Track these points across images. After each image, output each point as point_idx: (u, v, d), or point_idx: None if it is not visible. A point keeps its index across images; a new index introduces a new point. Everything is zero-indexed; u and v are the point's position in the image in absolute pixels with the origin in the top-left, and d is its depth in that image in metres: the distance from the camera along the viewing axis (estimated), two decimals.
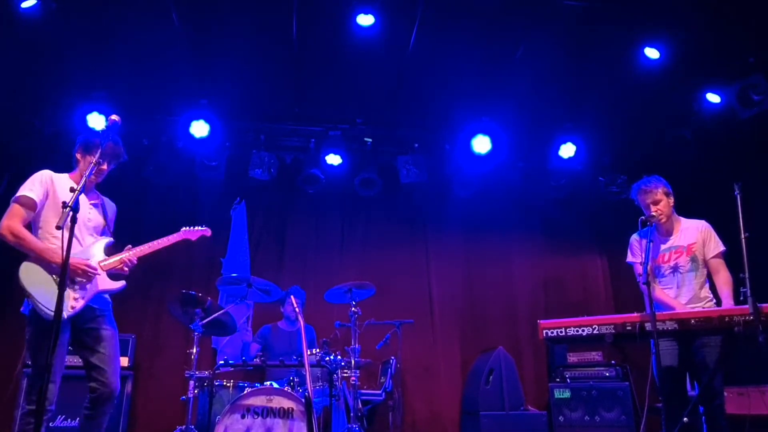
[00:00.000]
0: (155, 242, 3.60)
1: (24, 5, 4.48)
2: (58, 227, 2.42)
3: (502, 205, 6.82)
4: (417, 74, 5.60)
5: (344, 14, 4.82)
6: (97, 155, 3.06)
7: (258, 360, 4.60)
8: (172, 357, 5.76)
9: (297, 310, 4.27)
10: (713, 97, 5.51)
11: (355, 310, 4.76)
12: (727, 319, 3.22)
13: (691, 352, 3.66)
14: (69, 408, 4.58)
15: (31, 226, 3.27)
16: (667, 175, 4.05)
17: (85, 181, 2.82)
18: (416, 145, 6.29)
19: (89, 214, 3.39)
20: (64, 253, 2.47)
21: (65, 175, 3.42)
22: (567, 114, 6.13)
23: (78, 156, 3.43)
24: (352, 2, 4.75)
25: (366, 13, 4.76)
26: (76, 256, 3.19)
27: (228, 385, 4.47)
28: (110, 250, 3.46)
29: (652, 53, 5.06)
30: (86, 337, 3.25)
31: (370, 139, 6.36)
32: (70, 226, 2.48)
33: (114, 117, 3.04)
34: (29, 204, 3.21)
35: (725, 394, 3.73)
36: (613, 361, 5.41)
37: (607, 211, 6.67)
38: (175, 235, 3.78)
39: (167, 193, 6.30)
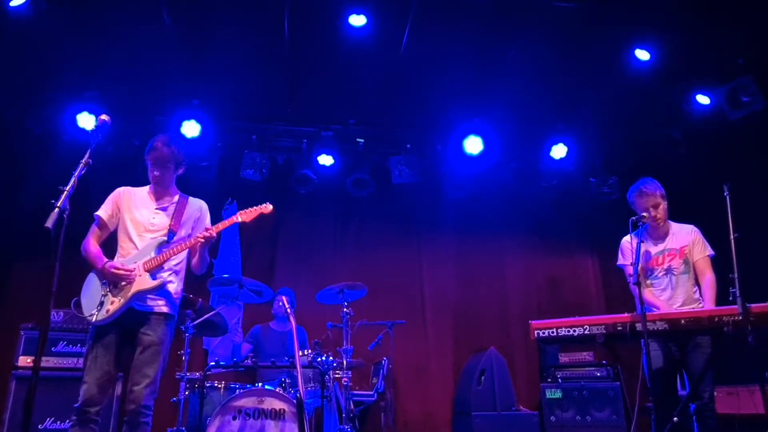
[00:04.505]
0: (205, 231, 3.35)
1: (13, 3, 4.42)
2: (46, 226, 2.38)
3: (494, 206, 6.83)
4: (409, 75, 5.59)
5: (336, 14, 4.81)
6: (87, 155, 3.02)
7: (249, 361, 4.58)
8: None
9: (287, 307, 4.25)
10: (703, 99, 5.55)
11: (348, 311, 4.75)
12: (716, 319, 3.24)
13: (684, 353, 3.70)
14: (58, 410, 4.51)
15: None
16: (658, 175, 4.08)
17: (75, 182, 2.77)
18: (408, 145, 6.29)
19: (153, 219, 3.42)
20: (59, 254, 2.42)
21: (144, 189, 3.52)
22: (558, 115, 6.15)
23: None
24: (344, 3, 4.75)
25: (358, 13, 4.76)
26: (129, 260, 3.30)
27: (219, 386, 4.45)
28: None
29: (642, 55, 5.09)
30: (132, 340, 3.25)
31: (362, 140, 6.35)
32: (58, 225, 2.44)
33: (104, 117, 2.98)
34: (99, 222, 3.42)
35: (715, 393, 3.77)
36: (604, 361, 5.43)
37: (599, 211, 6.69)
38: (229, 220, 3.48)
39: None
